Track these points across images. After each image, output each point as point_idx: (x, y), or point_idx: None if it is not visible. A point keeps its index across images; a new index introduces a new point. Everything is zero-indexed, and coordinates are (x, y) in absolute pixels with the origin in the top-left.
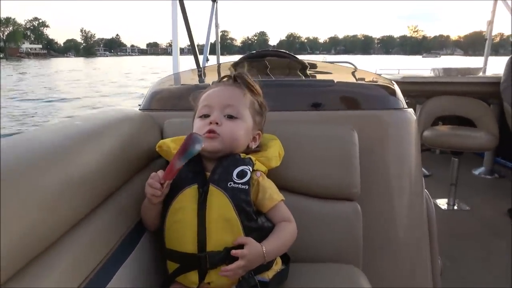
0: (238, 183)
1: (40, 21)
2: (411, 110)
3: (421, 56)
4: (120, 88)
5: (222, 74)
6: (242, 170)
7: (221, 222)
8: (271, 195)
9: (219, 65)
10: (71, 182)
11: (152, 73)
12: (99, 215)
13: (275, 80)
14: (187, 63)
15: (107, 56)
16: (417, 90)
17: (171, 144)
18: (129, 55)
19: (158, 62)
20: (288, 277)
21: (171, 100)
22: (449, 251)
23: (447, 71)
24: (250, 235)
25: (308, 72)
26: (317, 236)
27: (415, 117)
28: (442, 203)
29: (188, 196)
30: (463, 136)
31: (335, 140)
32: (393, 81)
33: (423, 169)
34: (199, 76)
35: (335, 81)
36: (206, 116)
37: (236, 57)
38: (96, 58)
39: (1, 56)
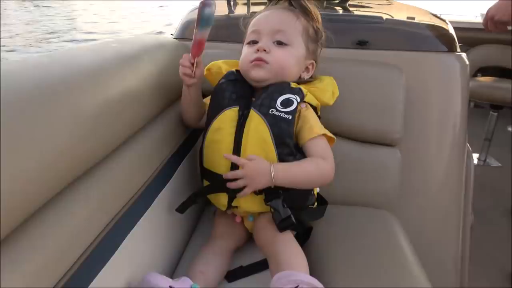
0: (282, 112)
1: None
2: (464, 54)
3: None
4: None
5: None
6: (288, 99)
7: (256, 149)
8: (312, 126)
9: None
10: (110, 105)
11: None
12: (139, 141)
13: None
14: None
15: None
16: (461, 37)
17: (223, 66)
18: None
19: None
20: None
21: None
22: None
23: None
24: None
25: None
26: (355, 179)
27: (467, 63)
28: (474, 157)
29: (228, 117)
30: (506, 90)
31: (381, 81)
32: (448, 22)
33: None
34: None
35: (384, 18)
36: (254, 42)
37: None
38: None
39: None
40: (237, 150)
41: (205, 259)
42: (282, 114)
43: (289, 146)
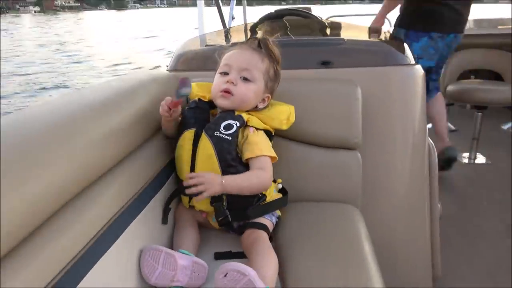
0: (223, 134)
1: None
2: (418, 66)
3: None
4: None
5: (244, 36)
6: (229, 124)
7: (205, 162)
8: (253, 148)
9: (243, 25)
10: (111, 133)
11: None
12: (134, 158)
13: (288, 40)
14: (214, 15)
15: (138, 8)
16: None
17: (195, 88)
18: (158, 7)
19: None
20: (287, 211)
21: (196, 61)
22: (459, 201)
23: (477, 22)
24: None
25: (328, 31)
26: (320, 179)
27: (422, 72)
28: (465, 156)
29: (187, 137)
30: (486, 91)
31: (338, 95)
32: (401, 39)
33: (449, 124)
34: (225, 37)
35: (346, 39)
36: (225, 73)
37: (266, 8)
38: (130, 10)
39: (39, 9)
40: (193, 162)
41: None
42: (224, 136)
43: (227, 160)
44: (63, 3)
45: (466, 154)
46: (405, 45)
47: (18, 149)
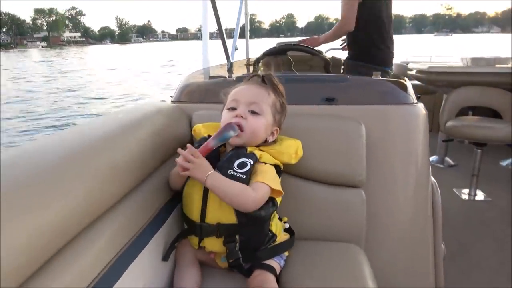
0: (237, 172)
1: (77, 10)
2: (421, 104)
3: (432, 35)
4: None
5: (247, 70)
6: (243, 162)
7: (217, 202)
8: (256, 176)
9: (246, 60)
10: (116, 167)
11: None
12: (137, 194)
13: (292, 75)
14: (217, 47)
15: (141, 42)
16: (444, 80)
17: (202, 129)
18: (160, 40)
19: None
20: (292, 249)
21: (199, 93)
22: (461, 238)
23: (475, 60)
24: (241, 219)
25: (330, 67)
26: (323, 217)
27: (424, 111)
28: (464, 193)
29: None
30: (486, 128)
31: (343, 132)
32: (405, 78)
33: (448, 159)
34: (228, 71)
35: (349, 77)
36: (233, 109)
37: (264, 41)
38: (133, 44)
39: (46, 44)
40: (204, 201)
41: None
42: (238, 174)
43: None
44: (69, 38)
45: (465, 190)
46: (408, 84)
47: (19, 185)
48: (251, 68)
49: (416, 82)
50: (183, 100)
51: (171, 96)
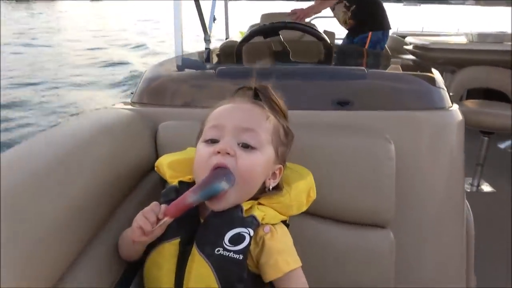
0: (230, 251)
1: None
2: (456, 108)
3: (402, 4)
4: None
5: (229, 57)
6: (238, 234)
7: (200, 274)
8: (276, 262)
9: (227, 42)
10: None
11: None
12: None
13: (291, 68)
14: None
15: None
16: (448, 58)
17: (167, 171)
18: None
19: None
20: None
21: (169, 93)
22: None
23: (481, 36)
24: None
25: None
26: (344, 269)
27: (461, 117)
28: (467, 183)
29: (167, 253)
30: (495, 115)
31: (367, 153)
32: (433, 70)
33: None
34: (206, 60)
35: (366, 70)
36: (214, 141)
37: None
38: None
39: None
40: (180, 274)
41: None
42: (231, 254)
43: None
44: None
45: (466, 179)
46: (438, 79)
47: None
48: (234, 58)
49: (408, 56)
50: (147, 102)
51: (132, 93)
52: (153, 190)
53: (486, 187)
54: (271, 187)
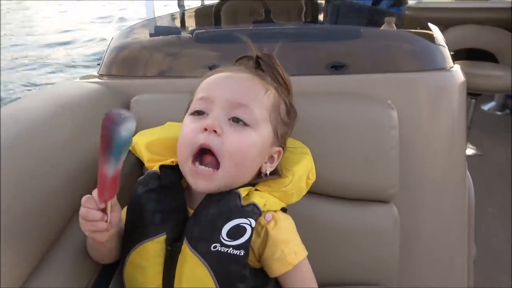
0: (229, 246)
1: None
2: (457, 69)
3: None
4: None
5: (207, 19)
6: (237, 226)
7: (192, 276)
8: (283, 255)
9: (203, 5)
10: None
11: None
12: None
13: (274, 28)
14: None
15: None
16: (436, 18)
17: (145, 153)
18: None
19: None
20: None
21: (140, 62)
22: None
23: None
24: None
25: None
26: (343, 252)
27: (463, 78)
28: None
29: (151, 253)
30: (483, 76)
31: (368, 122)
32: (431, 26)
33: None
34: (181, 23)
35: (361, 29)
36: (200, 113)
37: None
38: None
39: None
40: (167, 276)
41: None
42: (230, 250)
43: None
44: None
45: None
46: (439, 35)
47: None
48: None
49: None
50: (115, 74)
51: (98, 64)
52: (129, 175)
53: (473, 150)
54: (268, 172)
